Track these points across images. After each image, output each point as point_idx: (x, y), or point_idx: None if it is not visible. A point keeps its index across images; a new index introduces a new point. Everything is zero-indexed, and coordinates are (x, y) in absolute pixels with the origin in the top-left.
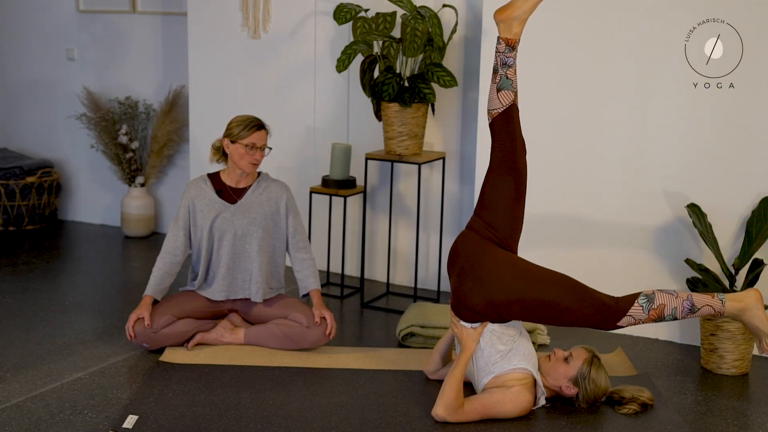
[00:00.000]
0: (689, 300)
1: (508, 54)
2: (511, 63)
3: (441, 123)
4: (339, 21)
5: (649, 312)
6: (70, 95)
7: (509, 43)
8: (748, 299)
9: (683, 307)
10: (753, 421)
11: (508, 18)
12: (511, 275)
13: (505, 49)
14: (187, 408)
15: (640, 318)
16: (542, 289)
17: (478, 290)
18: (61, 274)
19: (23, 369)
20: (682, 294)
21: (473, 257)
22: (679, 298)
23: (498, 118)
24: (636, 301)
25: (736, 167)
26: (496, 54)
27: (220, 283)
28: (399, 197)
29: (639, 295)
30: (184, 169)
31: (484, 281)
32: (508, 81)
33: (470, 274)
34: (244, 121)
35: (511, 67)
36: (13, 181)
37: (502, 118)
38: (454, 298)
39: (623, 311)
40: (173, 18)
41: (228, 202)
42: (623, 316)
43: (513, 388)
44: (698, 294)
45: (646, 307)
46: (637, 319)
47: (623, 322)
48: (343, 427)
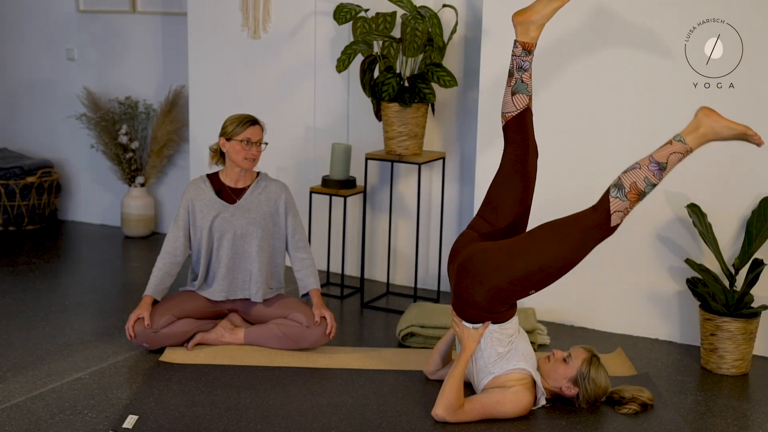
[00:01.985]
0: (652, 161)
1: (524, 58)
2: (527, 67)
3: (441, 123)
4: (339, 21)
5: (627, 196)
6: (70, 95)
7: (526, 47)
8: (701, 120)
9: (651, 171)
10: (753, 421)
11: (526, 21)
12: (503, 258)
13: (522, 53)
14: (187, 408)
15: (625, 206)
16: (535, 253)
17: (478, 286)
18: (61, 274)
19: (23, 369)
20: (644, 161)
21: (468, 256)
22: (643, 166)
23: (512, 121)
24: (609, 197)
25: (736, 167)
26: (513, 57)
27: (220, 283)
28: (399, 197)
29: (608, 190)
30: (184, 169)
31: (481, 275)
32: (524, 85)
33: (467, 271)
34: (238, 119)
35: (527, 71)
36: (13, 181)
37: (515, 121)
38: (455, 297)
39: (606, 213)
40: (173, 18)
41: (227, 203)
42: (609, 217)
43: (513, 388)
44: (657, 150)
45: (621, 194)
46: (623, 208)
47: (615, 220)
48: (343, 427)
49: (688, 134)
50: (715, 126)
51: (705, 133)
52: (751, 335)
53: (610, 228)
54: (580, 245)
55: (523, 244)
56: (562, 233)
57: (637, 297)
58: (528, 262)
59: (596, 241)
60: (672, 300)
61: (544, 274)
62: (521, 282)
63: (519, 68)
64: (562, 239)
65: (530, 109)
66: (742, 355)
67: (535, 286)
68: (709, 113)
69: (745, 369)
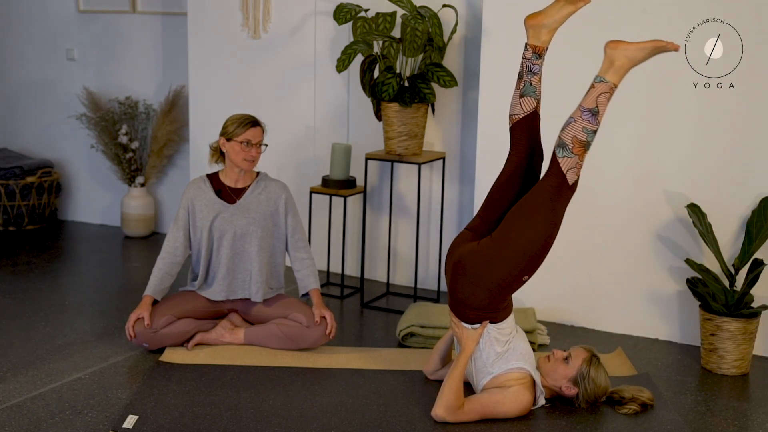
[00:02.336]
0: (584, 110)
1: (534, 61)
2: (537, 71)
3: (441, 123)
4: (339, 21)
5: (573, 151)
6: (70, 95)
7: (536, 51)
8: (612, 55)
9: (585, 119)
10: (753, 421)
11: (537, 25)
12: (488, 254)
13: (532, 56)
14: (187, 408)
15: (575, 161)
16: (514, 240)
17: (472, 286)
18: (61, 274)
19: (23, 369)
20: (576, 113)
21: (458, 258)
22: (577, 118)
23: (518, 123)
24: (557, 159)
25: (736, 167)
26: (523, 60)
27: (220, 283)
28: (399, 197)
29: (554, 152)
30: (184, 169)
31: (472, 275)
32: (532, 88)
33: (459, 273)
34: (239, 119)
35: (536, 75)
36: (13, 181)
37: (522, 123)
38: (452, 298)
39: (561, 174)
40: (173, 18)
41: (227, 203)
42: (565, 176)
43: (512, 387)
44: (584, 98)
45: (567, 152)
46: (574, 164)
47: (572, 177)
48: (343, 427)
49: (605, 72)
50: (627, 53)
51: (621, 65)
52: (751, 335)
53: (571, 186)
54: (551, 215)
55: (501, 236)
56: (531, 211)
57: (637, 297)
58: (511, 250)
59: (563, 205)
60: (672, 300)
61: (531, 256)
62: (512, 272)
63: (528, 71)
64: (533, 217)
65: (538, 112)
66: (742, 355)
67: (526, 272)
68: (615, 45)
69: (745, 369)
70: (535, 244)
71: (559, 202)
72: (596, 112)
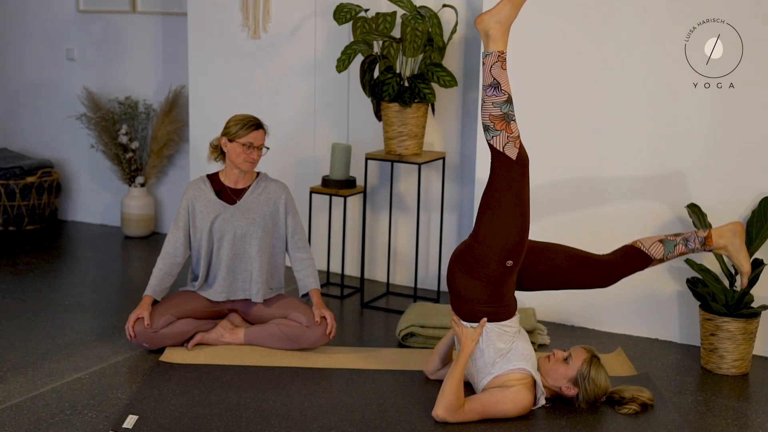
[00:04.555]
0: (486, 87)
1: (697, 243)
2: (690, 248)
3: (441, 123)
4: (339, 21)
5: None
6: (70, 95)
7: (707, 243)
8: (481, 27)
9: (492, 95)
10: (753, 421)
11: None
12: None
13: (701, 239)
14: (187, 408)
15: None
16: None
17: (468, 278)
18: (61, 274)
19: (23, 369)
20: (482, 94)
21: (455, 255)
22: (485, 98)
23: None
24: (489, 142)
25: (736, 167)
26: (694, 233)
27: (221, 284)
28: (399, 197)
29: (486, 138)
30: (184, 169)
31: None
32: (672, 249)
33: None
34: (242, 120)
35: (686, 249)
36: (13, 181)
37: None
38: (452, 295)
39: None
40: (173, 18)
41: (227, 203)
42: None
43: (513, 387)
44: (482, 77)
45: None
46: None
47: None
48: (343, 427)
49: (487, 46)
50: (494, 18)
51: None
52: (751, 335)
53: (517, 160)
54: (513, 196)
55: (483, 228)
56: (495, 202)
57: (637, 297)
58: (494, 239)
59: (521, 182)
60: (672, 300)
61: (512, 241)
62: (500, 259)
63: (685, 239)
64: (499, 204)
65: (650, 264)
66: (742, 355)
67: (512, 257)
68: (480, 19)
69: (745, 369)
70: (514, 228)
71: (516, 181)
72: (497, 85)
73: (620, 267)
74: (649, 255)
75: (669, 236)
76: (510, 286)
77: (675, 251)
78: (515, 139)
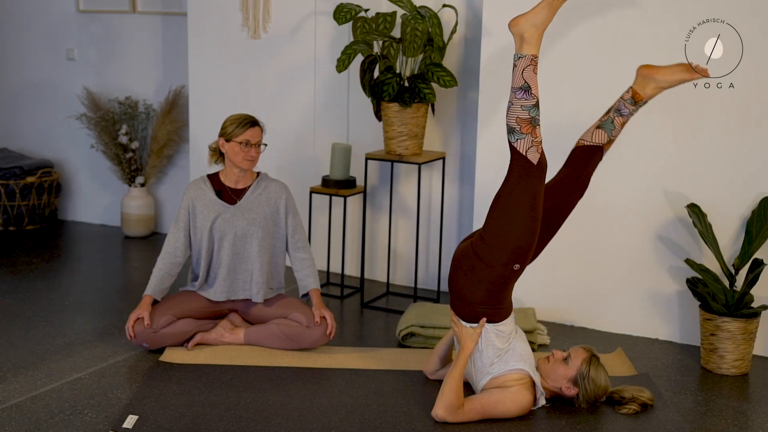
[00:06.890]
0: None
1: (628, 105)
2: (626, 114)
3: (441, 123)
4: (339, 21)
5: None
6: (70, 95)
7: (636, 98)
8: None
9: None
10: (753, 421)
11: (649, 76)
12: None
13: (629, 100)
14: (187, 408)
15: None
16: (506, 232)
17: (470, 279)
18: (61, 274)
19: (23, 369)
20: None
21: (457, 254)
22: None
23: (583, 147)
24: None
25: (736, 167)
26: (619, 98)
27: (221, 284)
28: (399, 197)
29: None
30: (184, 169)
31: (469, 269)
32: (612, 126)
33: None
34: (237, 119)
35: (623, 117)
36: (13, 181)
37: (587, 150)
38: (452, 295)
39: (523, 158)
40: (173, 18)
41: (228, 203)
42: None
43: (512, 387)
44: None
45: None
46: (530, 142)
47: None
48: (343, 427)
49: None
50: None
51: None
52: (751, 335)
53: (537, 165)
54: (530, 200)
55: (493, 229)
56: (510, 204)
57: (637, 297)
58: (505, 242)
59: (538, 187)
60: (672, 300)
61: (524, 245)
62: (508, 262)
63: (617, 110)
64: (514, 207)
65: (603, 150)
66: (742, 355)
67: (520, 261)
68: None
69: (745, 369)
70: (523, 233)
71: (533, 186)
72: (527, 88)
73: (582, 171)
74: (596, 144)
75: (602, 118)
76: (511, 288)
77: (615, 125)
78: (539, 144)
